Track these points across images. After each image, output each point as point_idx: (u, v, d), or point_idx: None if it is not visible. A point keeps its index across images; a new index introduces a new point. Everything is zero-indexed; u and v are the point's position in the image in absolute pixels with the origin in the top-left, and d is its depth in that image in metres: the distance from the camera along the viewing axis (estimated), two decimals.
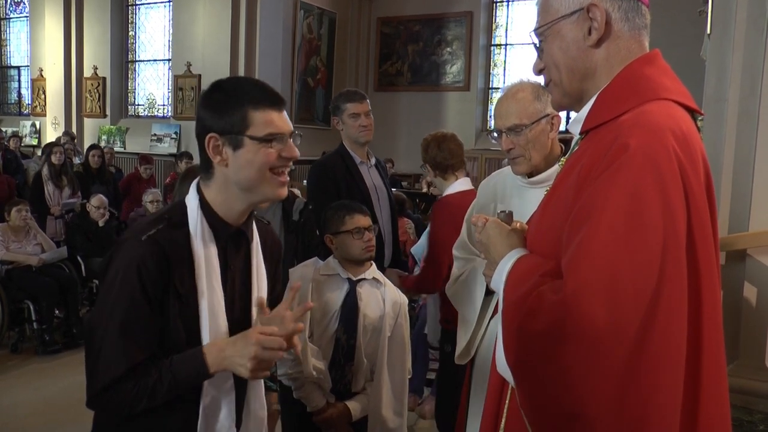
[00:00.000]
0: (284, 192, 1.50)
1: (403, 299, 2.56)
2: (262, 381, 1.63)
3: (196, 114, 1.49)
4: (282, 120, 1.45)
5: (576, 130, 1.32)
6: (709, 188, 1.16)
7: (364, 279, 2.46)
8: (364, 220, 2.42)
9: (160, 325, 1.41)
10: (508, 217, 1.45)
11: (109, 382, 1.37)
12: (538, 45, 1.31)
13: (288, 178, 1.51)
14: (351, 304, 2.42)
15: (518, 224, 1.44)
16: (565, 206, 1.18)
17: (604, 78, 1.25)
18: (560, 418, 1.08)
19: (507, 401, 1.31)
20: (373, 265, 2.52)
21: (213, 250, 1.47)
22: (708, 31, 4.01)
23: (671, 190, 1.07)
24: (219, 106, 1.44)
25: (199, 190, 1.50)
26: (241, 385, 1.54)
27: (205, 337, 1.45)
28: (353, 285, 2.43)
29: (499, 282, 1.28)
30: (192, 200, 1.49)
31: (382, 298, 2.47)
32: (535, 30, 1.29)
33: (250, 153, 1.42)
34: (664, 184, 1.06)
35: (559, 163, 1.51)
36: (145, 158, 8.32)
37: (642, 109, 1.16)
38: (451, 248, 2.74)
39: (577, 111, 1.32)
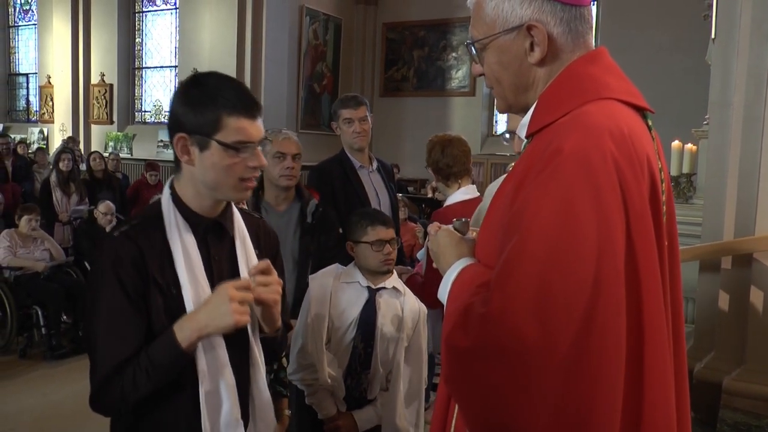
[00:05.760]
0: (247, 195, 1.54)
1: (423, 309, 2.52)
2: (264, 373, 1.59)
3: (170, 104, 1.49)
4: (254, 128, 1.44)
5: (523, 134, 1.26)
6: (654, 189, 1.09)
7: (384, 288, 2.44)
8: (385, 233, 2.39)
9: (146, 322, 1.42)
10: (463, 225, 1.38)
11: (100, 382, 1.39)
12: (475, 53, 1.25)
13: (255, 183, 1.52)
14: (369, 313, 2.40)
15: (474, 233, 1.36)
16: (503, 213, 1.12)
17: (545, 86, 1.20)
18: (496, 429, 1.03)
19: (455, 412, 1.24)
20: (394, 273, 2.50)
21: (191, 242, 1.47)
22: (713, 36, 4.01)
23: (607, 196, 0.99)
24: (194, 103, 1.42)
25: (171, 186, 1.53)
26: (243, 378, 1.53)
27: None
28: (372, 294, 2.42)
29: (443, 294, 1.23)
30: (165, 195, 1.52)
31: (401, 307, 2.45)
32: (473, 42, 1.24)
33: (215, 156, 1.42)
34: (599, 190, 0.99)
35: (507, 169, 1.48)
36: (152, 165, 8.35)
37: (580, 111, 1.09)
38: None
39: (523, 115, 1.27)
